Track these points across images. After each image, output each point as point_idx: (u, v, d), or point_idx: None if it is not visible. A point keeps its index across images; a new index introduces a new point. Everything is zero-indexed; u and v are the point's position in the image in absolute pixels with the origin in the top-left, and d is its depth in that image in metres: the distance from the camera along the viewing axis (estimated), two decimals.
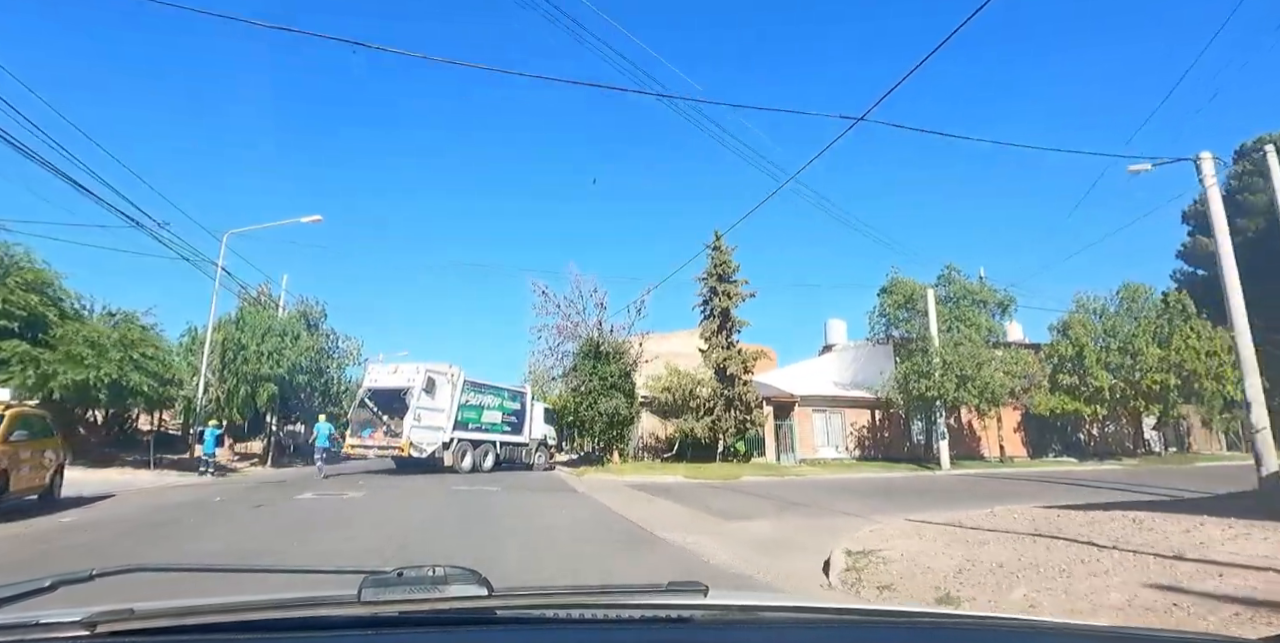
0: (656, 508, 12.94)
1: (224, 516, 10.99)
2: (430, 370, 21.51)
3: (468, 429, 22.23)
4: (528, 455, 25.25)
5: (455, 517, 11.01)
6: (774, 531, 10.00)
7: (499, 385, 24.91)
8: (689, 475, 21.45)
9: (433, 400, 21.21)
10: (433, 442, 20.77)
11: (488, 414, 23.43)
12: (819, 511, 12.24)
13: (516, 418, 24.91)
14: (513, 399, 25.13)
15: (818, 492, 16.45)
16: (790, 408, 28.56)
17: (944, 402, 24.83)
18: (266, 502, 13.05)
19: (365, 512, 11.84)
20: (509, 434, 24.38)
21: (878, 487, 18.42)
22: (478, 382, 23.42)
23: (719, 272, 26.93)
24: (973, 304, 27.53)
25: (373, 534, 9.06)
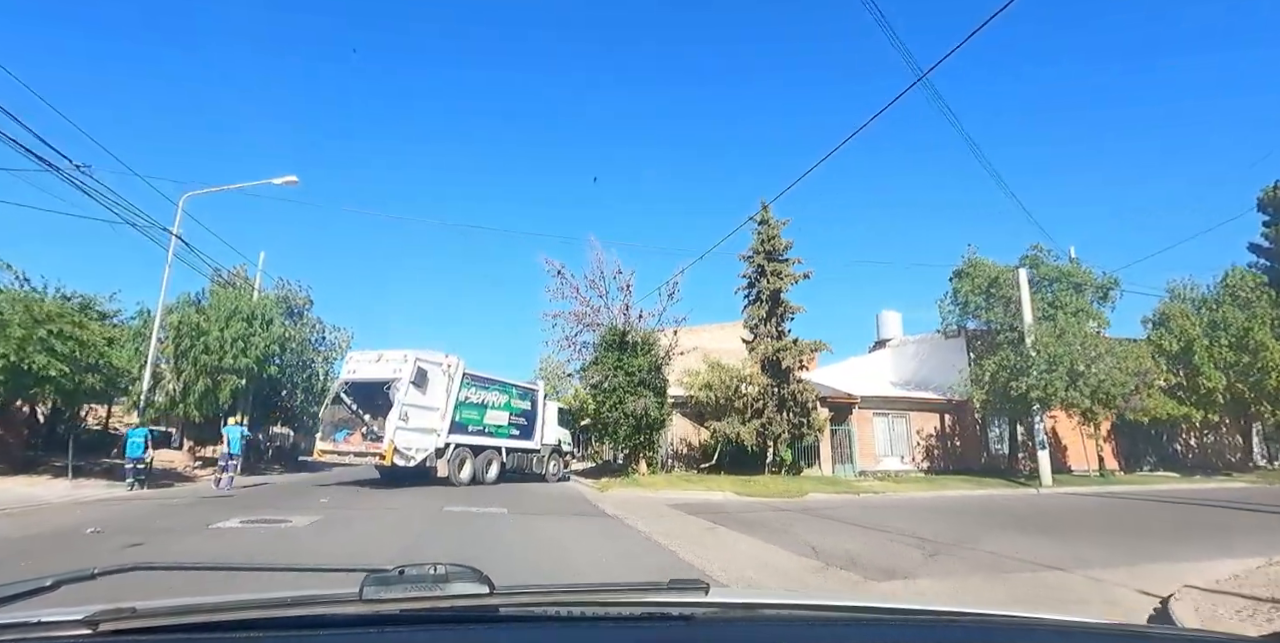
0: (736, 548, 8.74)
1: (51, 561, 6.84)
2: (422, 359, 17.46)
3: (467, 432, 18.46)
4: (539, 464, 21.43)
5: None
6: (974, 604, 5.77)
7: (506, 381, 20.96)
8: (739, 491, 17.23)
9: (424, 396, 17.24)
10: (423, 447, 16.86)
11: (492, 415, 19.69)
12: (991, 559, 8.00)
13: (526, 420, 21.19)
14: (522, 397, 21.30)
15: (936, 520, 12.20)
16: (848, 411, 24.26)
17: (1045, 403, 20.47)
18: (161, 532, 8.93)
19: (302, 552, 7.72)
20: (517, 439, 20.68)
21: (1005, 512, 14.14)
22: (481, 376, 19.58)
23: (767, 249, 22.72)
24: (1069, 288, 23.15)
25: None
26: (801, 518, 12.28)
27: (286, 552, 7.74)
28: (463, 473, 17.89)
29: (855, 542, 9.28)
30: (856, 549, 8.62)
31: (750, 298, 23.00)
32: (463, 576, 1.09)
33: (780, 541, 9.33)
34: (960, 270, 24.25)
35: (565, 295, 23.36)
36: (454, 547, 8.30)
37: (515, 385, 21.29)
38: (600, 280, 23.29)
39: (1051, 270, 23.63)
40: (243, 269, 26.76)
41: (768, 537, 9.73)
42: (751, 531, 10.38)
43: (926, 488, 19.08)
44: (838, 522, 11.73)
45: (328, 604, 1.06)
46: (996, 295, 23.13)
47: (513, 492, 17.05)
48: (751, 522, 11.65)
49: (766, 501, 16.04)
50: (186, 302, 21.75)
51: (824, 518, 12.36)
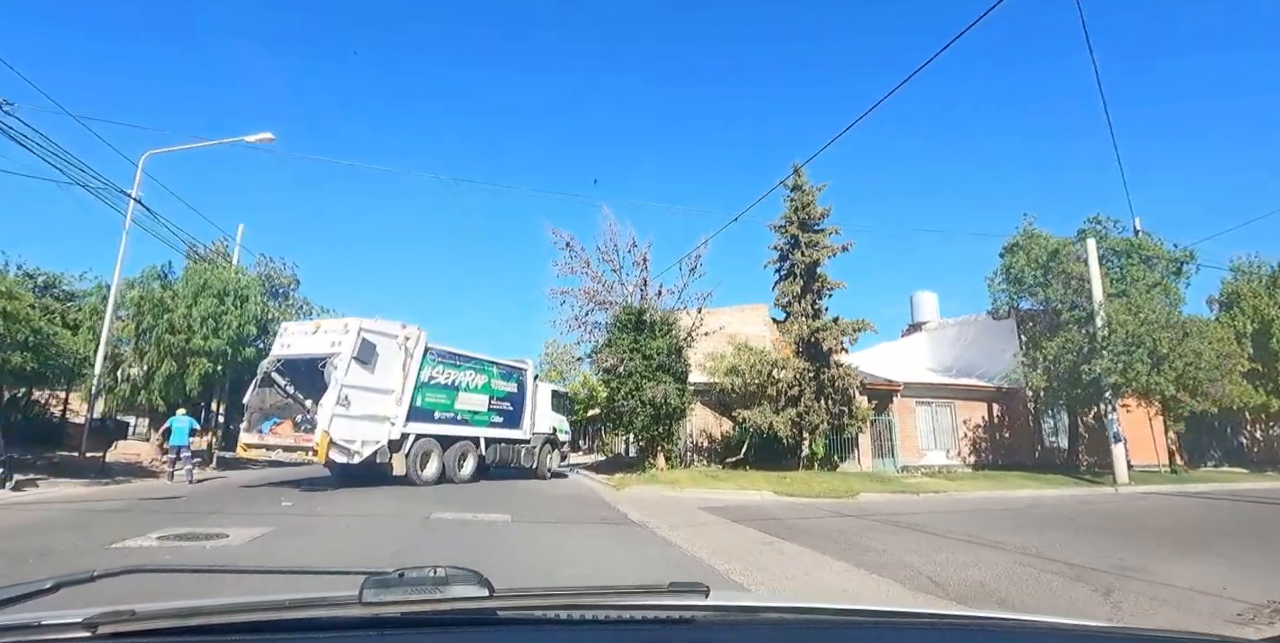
0: (823, 579, 6.34)
1: None
2: (368, 330, 13.91)
3: (433, 420, 15.18)
4: (528, 457, 18.22)
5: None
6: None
7: (484, 358, 17.42)
8: (778, 490, 14.86)
9: (372, 376, 13.79)
10: (371, 438, 13.63)
11: (466, 398, 16.33)
12: (1210, 604, 5.58)
13: (512, 404, 17.89)
14: (506, 378, 17.89)
15: (1041, 530, 9.80)
16: (888, 399, 21.84)
17: (1118, 390, 18.00)
18: (36, 556, 6.56)
19: (223, 588, 5.34)
20: (499, 428, 17.35)
21: (1114, 519, 11.80)
22: (450, 352, 16.22)
23: (801, 217, 20.23)
24: (1140, 263, 20.63)
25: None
26: (875, 527, 9.89)
27: (195, 589, 5.36)
28: (428, 470, 14.80)
29: (977, 567, 6.88)
30: (990, 581, 6.24)
31: (782, 272, 20.53)
32: (462, 578, 1.08)
33: (874, 565, 6.95)
34: (1014, 243, 21.73)
35: (575, 270, 20.95)
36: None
37: (496, 364, 17.78)
38: (613, 253, 20.89)
39: (1119, 243, 21.10)
40: (222, 245, 24.36)
41: (852, 557, 7.37)
42: (824, 546, 8.02)
43: (989, 487, 16.68)
44: (924, 533, 9.34)
45: (327, 607, 1.04)
46: (1056, 271, 20.61)
47: (508, 492, 14.71)
48: (816, 532, 9.28)
49: (814, 502, 13.67)
50: (151, 275, 19.39)
51: (902, 527, 9.97)
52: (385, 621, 1.01)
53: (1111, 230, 21.56)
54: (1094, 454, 22.57)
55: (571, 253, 20.88)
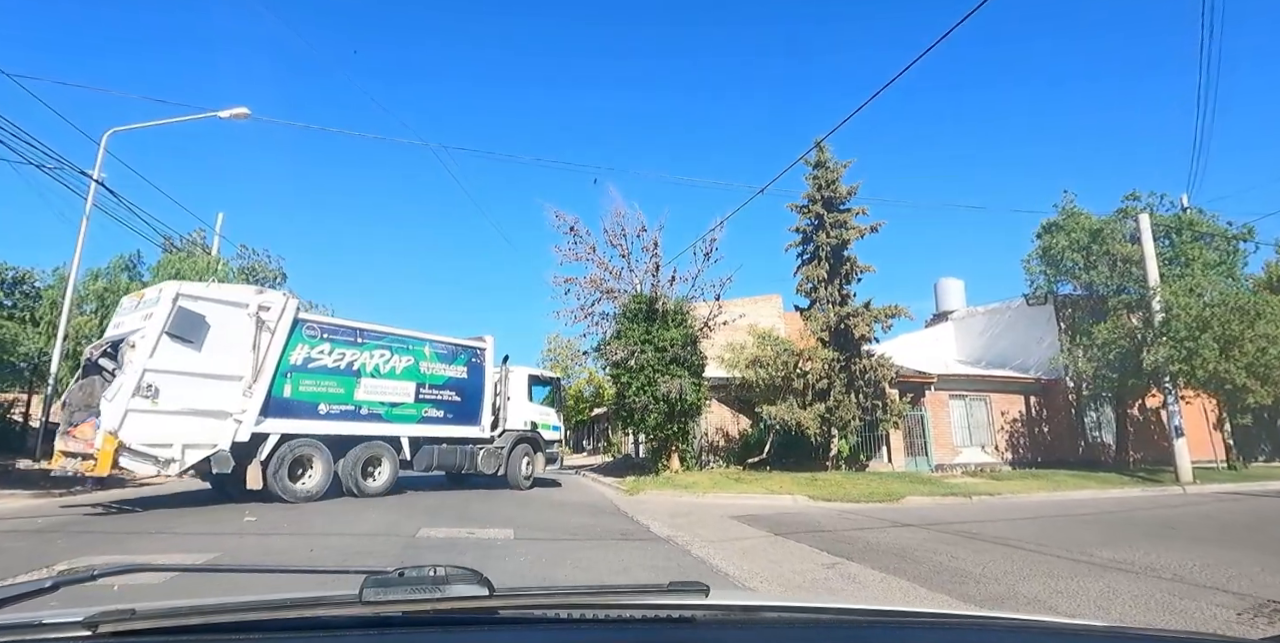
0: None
1: None
2: (190, 295, 10.52)
3: (315, 415, 11.65)
4: (490, 460, 14.33)
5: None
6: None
7: (408, 334, 13.59)
8: (813, 495, 13.27)
9: (198, 356, 10.35)
10: (200, 441, 10.26)
11: (375, 386, 12.58)
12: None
13: (461, 394, 14.02)
14: (448, 359, 13.97)
15: (1131, 539, 8.18)
16: (921, 392, 20.20)
17: (1175, 379, 16.35)
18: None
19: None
20: (440, 424, 13.63)
21: (1214, 525, 10.18)
22: (343, 325, 12.64)
23: (825, 195, 18.59)
24: (1195, 240, 18.99)
25: None
26: (950, 541, 8.26)
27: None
28: (304, 481, 11.33)
29: (1123, 601, 5.26)
30: (1147, 620, 4.64)
31: (805, 256, 18.89)
32: (462, 577, 1.06)
33: (985, 598, 5.35)
34: (1053, 223, 20.08)
35: (580, 257, 19.37)
36: None
37: (432, 341, 13.83)
38: (621, 238, 19.29)
39: (1170, 220, 19.43)
40: (200, 234, 22.78)
41: (950, 586, 5.76)
42: (904, 569, 6.42)
43: (1043, 488, 15.04)
44: (1013, 548, 7.71)
45: (328, 606, 1.03)
46: (1100, 252, 18.97)
47: (511, 502, 13.10)
48: (883, 549, 7.67)
49: (857, 508, 12.06)
50: (119, 265, 17.86)
51: (980, 540, 8.35)
52: (386, 620, 1.00)
53: (1157, 206, 19.92)
54: (1142, 450, 20.96)
55: (576, 238, 19.31)
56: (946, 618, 1.34)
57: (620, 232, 19.16)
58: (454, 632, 1.03)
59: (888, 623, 1.27)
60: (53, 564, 6.10)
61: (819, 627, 1.20)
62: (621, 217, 19.15)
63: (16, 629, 1.00)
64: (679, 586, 1.18)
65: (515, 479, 14.88)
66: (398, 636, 1.01)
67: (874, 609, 1.41)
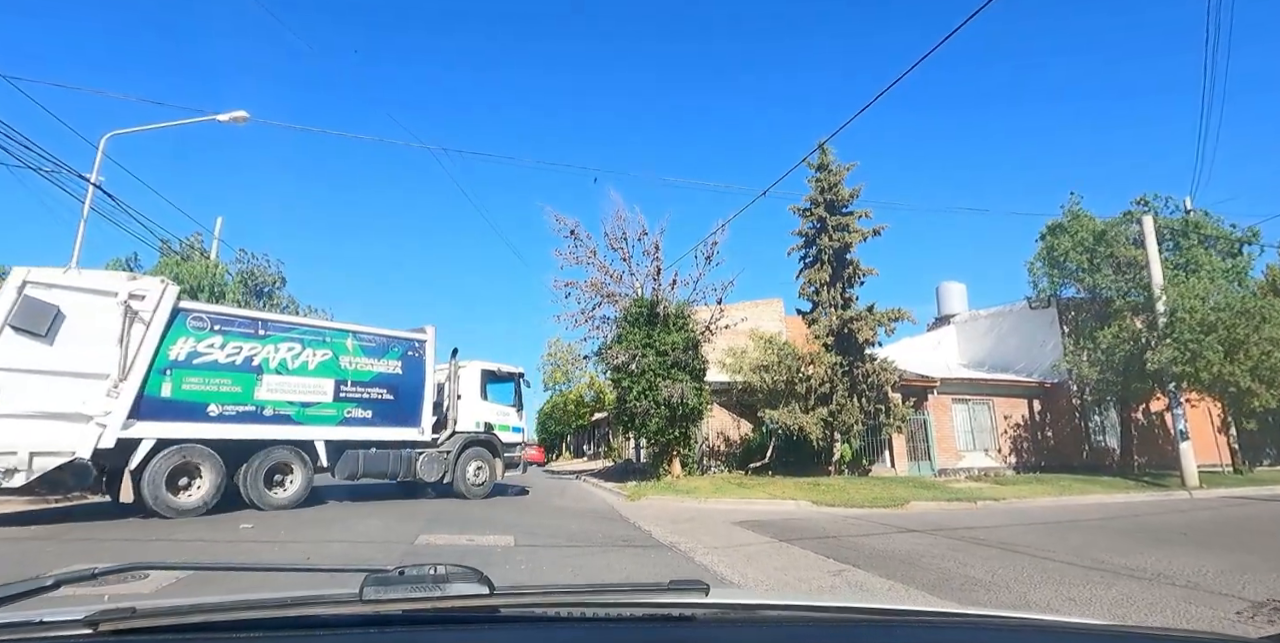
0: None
1: None
2: (40, 282, 9.26)
3: (203, 417, 10.27)
4: (431, 466, 12.82)
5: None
6: None
7: (327, 325, 12.63)
8: (816, 500, 13.13)
9: (50, 350, 9.16)
10: (50, 447, 9.02)
11: (282, 384, 11.18)
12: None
13: (394, 392, 12.52)
14: (378, 353, 12.43)
15: (1144, 545, 8.03)
16: (923, 396, 20.08)
17: (1181, 382, 16.23)
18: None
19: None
20: (367, 426, 12.14)
21: (1233, 530, 10.04)
22: (238, 315, 11.42)
23: (828, 198, 18.51)
24: (1200, 243, 18.90)
25: None
26: (957, 547, 8.13)
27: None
28: (189, 494, 9.91)
29: (1138, 609, 5.14)
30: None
31: (808, 259, 18.80)
32: (463, 576, 1.07)
33: (989, 605, 5.23)
34: (1057, 224, 19.98)
35: (580, 260, 19.25)
36: None
37: (357, 333, 12.37)
38: (622, 242, 19.19)
39: (1174, 222, 19.33)
40: (198, 239, 22.70)
41: (960, 594, 5.65)
42: (912, 577, 6.29)
43: (1048, 492, 14.89)
44: (1021, 554, 7.58)
45: (328, 605, 1.04)
46: (1104, 254, 18.87)
47: (514, 508, 12.98)
48: (890, 555, 7.54)
49: (861, 513, 11.92)
50: (117, 267, 17.76)
51: (988, 546, 8.22)
52: (386, 618, 1.00)
53: (1163, 210, 19.81)
54: (1146, 454, 20.81)
55: (577, 241, 19.20)
56: (946, 617, 1.34)
57: (621, 235, 19.08)
58: (454, 630, 1.03)
59: (888, 622, 1.27)
60: (43, 573, 5.97)
61: (819, 625, 1.21)
62: (622, 220, 19.06)
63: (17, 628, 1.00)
64: (679, 584, 1.18)
65: (463, 487, 13.28)
66: (398, 634, 1.01)
67: (874, 608, 1.41)
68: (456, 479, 13.24)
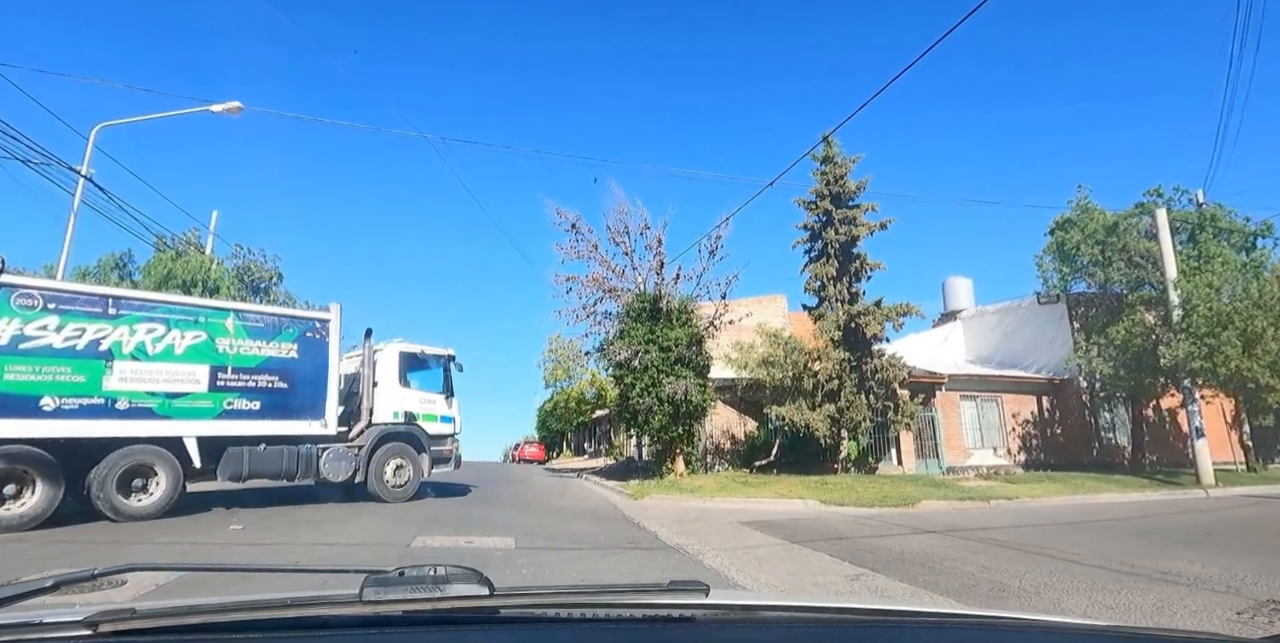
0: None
1: None
2: None
3: (35, 412, 8.79)
4: (337, 464, 11.26)
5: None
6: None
7: (192, 303, 11.04)
8: (824, 499, 12.80)
9: None
10: None
11: (141, 371, 9.55)
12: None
13: (288, 379, 10.90)
14: (267, 335, 10.82)
15: (1169, 546, 7.69)
16: (931, 393, 19.74)
17: (1195, 377, 15.87)
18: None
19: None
20: (252, 419, 10.50)
21: (1253, 531, 9.74)
22: (81, 291, 9.75)
23: (833, 191, 18.14)
24: (1215, 236, 18.53)
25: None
26: (975, 549, 7.79)
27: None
28: (13, 506, 8.46)
29: (1177, 617, 4.80)
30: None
31: (813, 253, 18.43)
32: (463, 577, 1.06)
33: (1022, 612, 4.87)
34: (1067, 219, 19.61)
35: (582, 255, 18.89)
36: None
37: (240, 311, 10.95)
38: (624, 236, 18.82)
39: (1188, 215, 18.96)
40: (195, 235, 22.36)
41: (989, 602, 5.30)
42: (934, 582, 5.95)
43: (1059, 491, 14.55)
44: (1043, 557, 7.24)
45: (328, 605, 1.03)
46: (1116, 247, 18.49)
47: (514, 506, 12.64)
48: (907, 558, 7.20)
49: (872, 513, 11.58)
50: (109, 264, 17.45)
51: (1007, 548, 7.88)
52: (386, 619, 0.99)
53: (1177, 202, 19.42)
54: (1157, 452, 20.49)
55: (578, 235, 18.84)
56: (947, 617, 1.34)
57: (623, 229, 18.71)
58: (454, 631, 1.03)
59: (888, 622, 1.27)
60: (16, 580, 5.64)
61: (819, 626, 1.20)
62: (624, 213, 18.69)
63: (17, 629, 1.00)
64: (679, 585, 1.18)
65: (379, 488, 11.72)
66: (398, 635, 1.01)
67: (874, 608, 1.41)
68: (371, 479, 11.65)
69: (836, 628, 1.19)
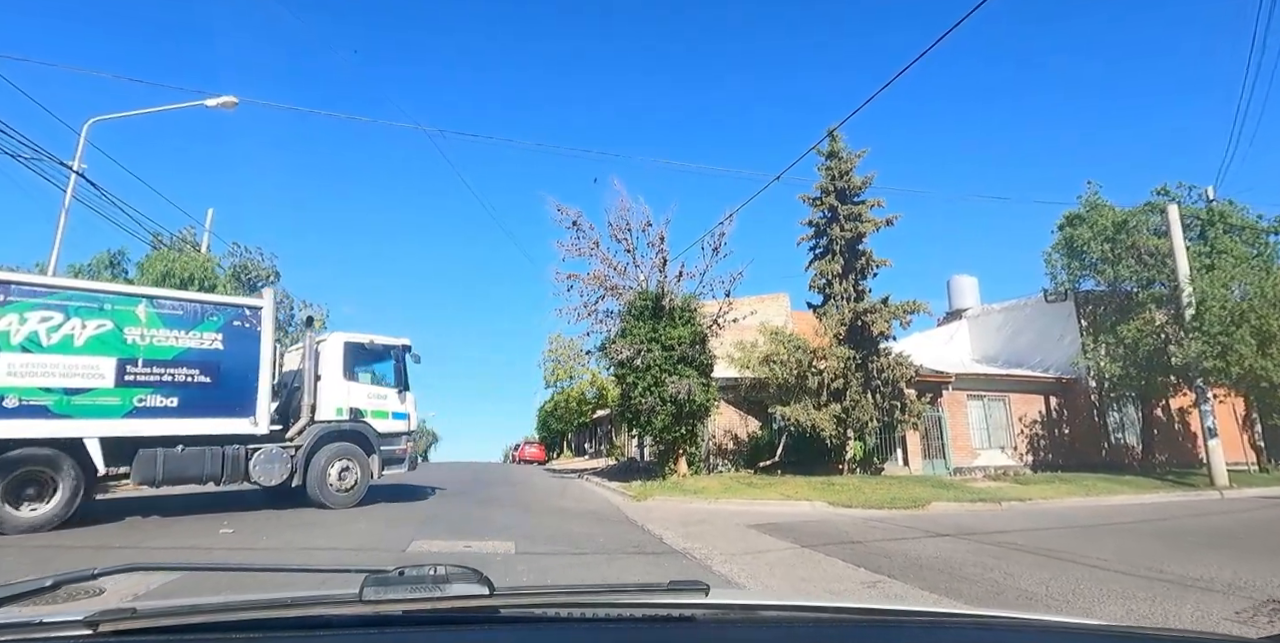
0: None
1: None
2: None
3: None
4: (270, 466, 10.22)
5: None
6: None
7: (97, 288, 9.93)
8: (831, 501, 12.50)
9: None
10: None
11: (25, 365, 8.51)
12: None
13: (210, 373, 9.78)
14: (182, 324, 9.70)
15: (1193, 550, 7.42)
16: (938, 392, 19.44)
17: (1208, 376, 15.57)
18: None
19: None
20: (169, 417, 9.41)
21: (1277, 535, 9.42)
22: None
23: (839, 187, 17.85)
24: (1226, 232, 18.23)
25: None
26: (995, 554, 7.49)
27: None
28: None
29: (1221, 630, 4.50)
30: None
31: (818, 250, 18.13)
32: (463, 576, 1.05)
33: None
34: (1076, 215, 19.30)
35: (583, 252, 18.60)
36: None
37: (154, 298, 9.79)
38: (626, 233, 18.53)
39: (1199, 211, 18.64)
40: (190, 232, 22.07)
41: (1012, 610, 4.98)
42: (955, 589, 5.67)
43: (1071, 493, 14.24)
44: (1067, 562, 6.94)
45: (328, 605, 1.03)
46: (1126, 244, 18.19)
47: (514, 506, 12.34)
48: (924, 564, 6.90)
49: (882, 515, 11.28)
50: (103, 262, 17.16)
51: (1027, 553, 7.58)
52: (386, 619, 0.99)
53: (1187, 199, 19.13)
54: (1166, 452, 20.19)
55: (579, 232, 18.54)
56: (946, 617, 1.34)
57: (625, 226, 18.41)
58: (454, 631, 1.02)
59: (888, 622, 1.27)
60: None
61: (819, 626, 1.19)
62: (626, 210, 18.38)
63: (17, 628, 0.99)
64: (679, 585, 1.18)
65: (320, 492, 10.60)
66: (398, 634, 1.00)
67: (874, 608, 1.41)
68: (310, 482, 10.56)
69: (836, 628, 1.18)
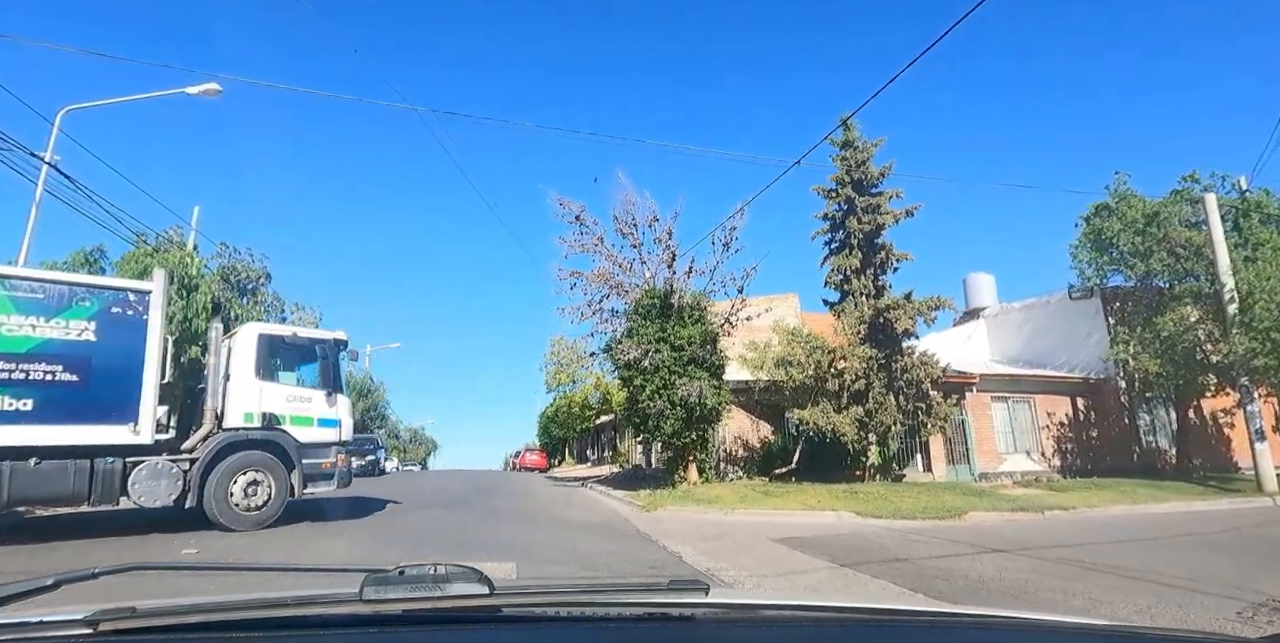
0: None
1: None
2: None
3: None
4: (157, 482, 8.47)
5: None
6: None
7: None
8: (859, 510, 11.53)
9: None
10: None
11: None
12: None
13: (78, 371, 8.14)
14: (43, 311, 8.06)
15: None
16: (961, 394, 18.45)
17: (1258, 375, 14.61)
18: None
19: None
20: (23, 424, 7.77)
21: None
22: None
23: (855, 177, 16.93)
24: (1265, 222, 17.28)
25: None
26: (1066, 575, 6.51)
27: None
28: None
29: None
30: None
31: (834, 244, 17.22)
32: (463, 576, 1.04)
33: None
34: (1104, 206, 18.36)
35: (586, 248, 17.68)
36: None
37: (7, 278, 8.17)
38: (632, 228, 17.62)
39: (1234, 201, 17.70)
40: (177, 232, 21.16)
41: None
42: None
43: (1114, 500, 13.26)
44: (1151, 583, 5.97)
45: (328, 604, 1.04)
46: (1157, 237, 17.25)
47: (513, 521, 11.37)
48: (992, 589, 5.95)
49: (916, 526, 10.30)
50: (78, 260, 16.25)
51: (1102, 572, 6.61)
52: (386, 618, 0.99)
53: (1218, 188, 18.18)
54: (1200, 455, 19.19)
55: (582, 228, 17.63)
56: (946, 617, 1.34)
57: (630, 220, 17.48)
58: (454, 630, 1.01)
59: (888, 622, 1.26)
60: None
61: (819, 626, 1.18)
62: (632, 205, 17.44)
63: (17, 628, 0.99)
64: (679, 584, 1.17)
65: (222, 512, 8.88)
66: (398, 634, 0.99)
67: (874, 608, 1.41)
68: (209, 500, 8.82)
69: (836, 628, 1.17)
